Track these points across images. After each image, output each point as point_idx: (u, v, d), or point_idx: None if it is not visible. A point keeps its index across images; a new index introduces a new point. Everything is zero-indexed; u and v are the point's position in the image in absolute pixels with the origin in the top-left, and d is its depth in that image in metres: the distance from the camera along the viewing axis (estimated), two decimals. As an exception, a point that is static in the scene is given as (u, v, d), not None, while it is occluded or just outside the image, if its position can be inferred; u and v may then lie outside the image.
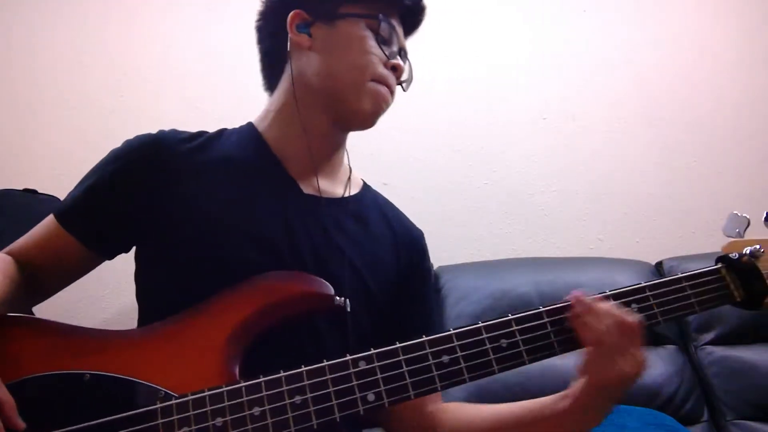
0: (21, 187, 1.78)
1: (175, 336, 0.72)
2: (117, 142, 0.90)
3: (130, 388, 0.67)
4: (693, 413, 1.62)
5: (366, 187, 1.00)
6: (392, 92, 0.89)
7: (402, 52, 0.91)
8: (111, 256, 0.89)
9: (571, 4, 2.20)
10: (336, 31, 0.87)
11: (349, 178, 0.98)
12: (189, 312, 0.74)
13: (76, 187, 0.88)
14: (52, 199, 1.76)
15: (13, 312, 0.76)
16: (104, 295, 1.89)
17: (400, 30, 0.91)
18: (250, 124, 0.94)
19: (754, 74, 2.17)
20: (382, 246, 0.92)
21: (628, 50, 2.18)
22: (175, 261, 0.81)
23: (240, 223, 0.82)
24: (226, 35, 2.10)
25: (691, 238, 2.07)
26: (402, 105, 0.97)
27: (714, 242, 2.18)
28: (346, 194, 0.94)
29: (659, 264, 1.90)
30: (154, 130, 0.89)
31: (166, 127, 0.90)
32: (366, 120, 0.89)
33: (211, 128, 0.94)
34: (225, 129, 0.94)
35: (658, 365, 1.64)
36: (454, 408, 0.90)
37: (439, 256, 1.97)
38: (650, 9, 2.21)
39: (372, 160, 1.84)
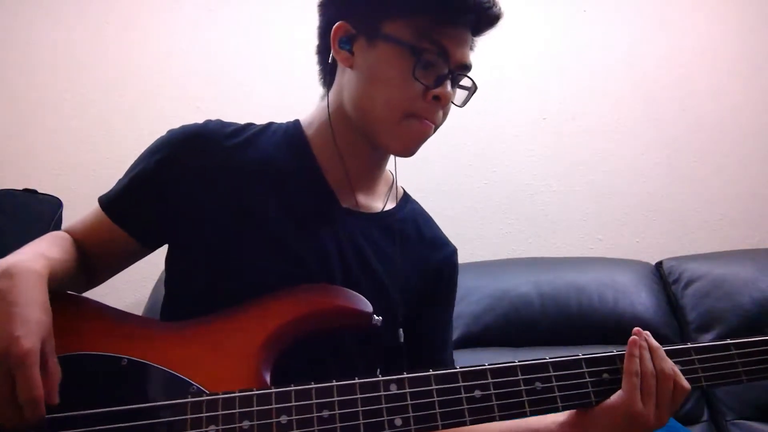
0: (21, 187, 1.78)
1: (214, 334, 0.73)
2: (117, 142, 0.90)
3: (164, 378, 0.69)
4: (693, 413, 1.62)
5: (405, 199, 0.99)
6: (435, 122, 0.83)
7: (453, 74, 0.81)
8: (154, 246, 0.89)
9: (571, 4, 2.20)
10: (375, 54, 0.80)
11: (391, 188, 0.96)
12: (229, 312, 0.75)
13: (122, 177, 0.88)
14: (52, 199, 1.76)
15: (67, 290, 0.79)
16: (106, 294, 1.88)
17: (457, 44, 0.81)
18: (297, 124, 0.92)
19: (754, 74, 2.17)
20: (413, 262, 0.91)
21: (628, 50, 2.18)
22: (204, 257, 0.81)
23: (271, 230, 0.81)
24: (226, 35, 2.10)
25: (691, 238, 2.07)
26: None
27: (714, 242, 2.20)
28: (385, 208, 0.92)
29: (659, 264, 1.90)
30: (198, 120, 0.88)
31: (166, 127, 0.90)
32: (401, 155, 0.86)
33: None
34: (272, 123, 0.92)
35: (658, 365, 1.64)
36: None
37: (439, 256, 1.97)
38: (650, 9, 2.21)
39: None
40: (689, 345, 0.75)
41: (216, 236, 0.80)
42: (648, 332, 0.74)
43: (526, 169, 2.12)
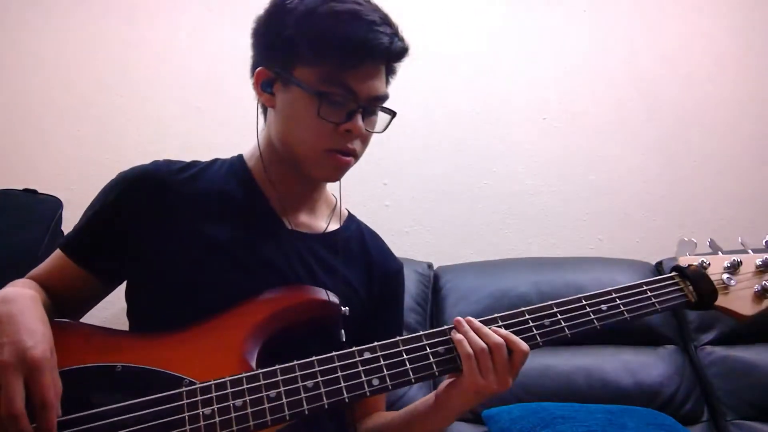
0: (21, 187, 1.78)
1: (199, 336, 0.80)
2: (117, 142, 0.91)
3: (157, 377, 0.74)
4: (693, 413, 1.62)
5: (350, 219, 1.06)
6: (353, 154, 0.88)
7: (364, 108, 0.86)
8: (116, 283, 0.94)
9: (571, 4, 2.20)
10: (289, 97, 0.86)
11: (333, 210, 1.03)
12: (208, 318, 0.81)
13: (78, 221, 0.93)
14: (52, 199, 1.76)
15: None
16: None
17: (364, 81, 0.85)
18: (240, 157, 0.99)
19: (754, 74, 2.17)
20: (357, 275, 0.98)
21: (628, 50, 2.18)
22: (166, 286, 0.86)
23: (227, 253, 0.87)
24: (226, 35, 2.10)
25: (691, 239, 2.06)
26: (402, 105, 0.97)
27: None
28: (328, 228, 0.99)
29: (659, 264, 1.90)
30: (151, 154, 0.95)
31: (166, 127, 0.92)
32: (329, 181, 0.94)
33: (211, 128, 0.95)
34: (217, 159, 0.99)
35: (658, 365, 1.64)
36: (380, 414, 1.00)
37: (439, 256, 1.97)
38: (650, 9, 2.21)
39: (372, 161, 1.84)
40: (610, 288, 0.89)
41: (175, 265, 0.86)
42: (470, 317, 0.82)
43: (526, 169, 2.12)
